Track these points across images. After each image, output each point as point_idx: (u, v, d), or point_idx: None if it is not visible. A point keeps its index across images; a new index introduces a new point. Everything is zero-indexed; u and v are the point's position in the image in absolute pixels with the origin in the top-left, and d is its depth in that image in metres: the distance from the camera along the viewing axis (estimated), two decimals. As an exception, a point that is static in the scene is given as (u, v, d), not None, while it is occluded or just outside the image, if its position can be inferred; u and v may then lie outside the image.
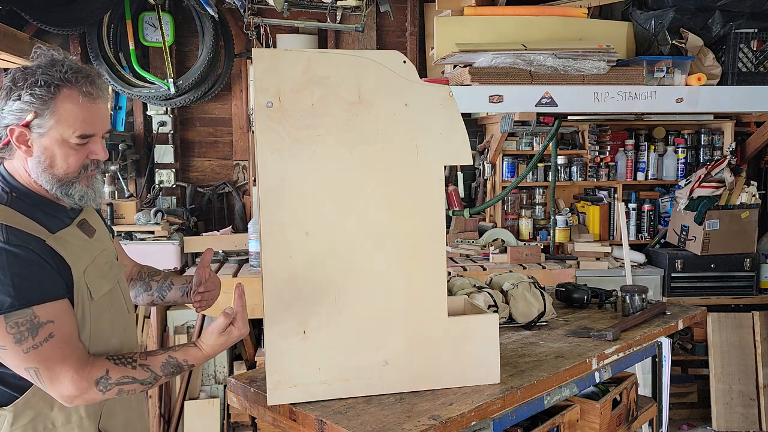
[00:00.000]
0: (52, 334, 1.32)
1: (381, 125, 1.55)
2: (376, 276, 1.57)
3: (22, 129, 1.36)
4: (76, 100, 1.38)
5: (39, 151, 1.38)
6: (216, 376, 3.71)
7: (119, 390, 1.37)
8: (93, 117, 1.41)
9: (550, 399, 1.77)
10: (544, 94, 2.91)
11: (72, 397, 1.34)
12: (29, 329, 1.29)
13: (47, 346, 1.31)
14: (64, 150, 1.39)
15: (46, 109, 1.35)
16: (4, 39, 2.96)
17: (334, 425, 1.46)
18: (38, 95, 1.35)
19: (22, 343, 1.29)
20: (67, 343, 1.35)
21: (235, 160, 4.46)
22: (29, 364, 1.31)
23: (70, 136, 1.38)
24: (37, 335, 1.30)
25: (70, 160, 1.40)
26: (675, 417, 4.10)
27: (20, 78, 1.36)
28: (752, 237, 4.09)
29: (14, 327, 1.28)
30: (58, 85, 1.36)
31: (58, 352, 1.32)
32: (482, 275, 3.50)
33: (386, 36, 4.47)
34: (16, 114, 1.35)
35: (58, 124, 1.37)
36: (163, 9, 4.10)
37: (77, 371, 1.34)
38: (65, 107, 1.37)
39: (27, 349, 1.30)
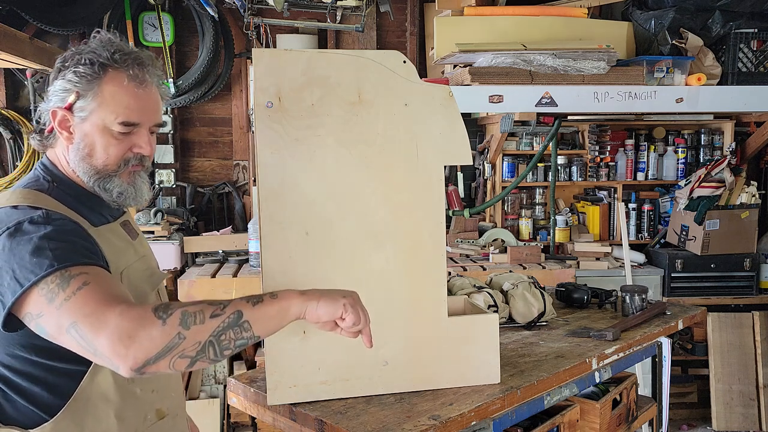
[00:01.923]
0: (86, 282, 1.11)
1: (381, 125, 1.55)
2: (376, 276, 1.57)
3: (64, 112, 1.26)
4: (122, 82, 1.26)
5: (79, 138, 1.27)
6: (216, 376, 3.71)
7: (183, 313, 1.09)
8: (140, 104, 1.29)
9: (550, 399, 1.77)
10: (544, 94, 2.91)
11: (124, 337, 1.04)
12: (59, 284, 1.10)
13: (81, 294, 1.09)
14: (105, 138, 1.27)
15: (89, 91, 1.25)
16: (4, 39, 2.96)
17: (334, 425, 1.46)
18: (82, 74, 1.24)
19: (54, 300, 1.09)
20: (108, 286, 1.13)
21: (235, 160, 4.46)
22: (65, 320, 1.08)
23: (112, 123, 1.26)
24: (68, 286, 1.10)
25: (110, 150, 1.28)
26: (675, 417, 4.10)
27: (69, 57, 1.27)
28: (752, 237, 4.09)
29: (44, 288, 1.10)
30: (105, 64, 1.25)
31: (95, 295, 1.09)
32: (482, 275, 3.50)
33: (386, 36, 4.47)
34: (59, 95, 1.26)
35: (100, 107, 1.25)
36: (163, 9, 4.10)
37: (128, 306, 1.09)
38: (109, 89, 1.25)
39: (60, 305, 1.08)
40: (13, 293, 1.11)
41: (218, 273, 3.57)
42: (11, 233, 1.15)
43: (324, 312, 1.22)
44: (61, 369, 1.23)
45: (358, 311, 1.26)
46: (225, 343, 1.12)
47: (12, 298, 1.11)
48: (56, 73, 1.27)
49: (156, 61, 1.35)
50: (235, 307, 1.14)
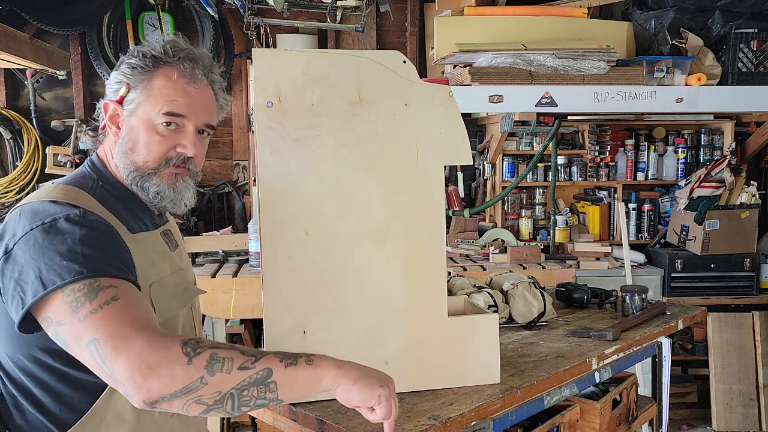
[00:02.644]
0: (115, 297, 1.04)
1: (381, 125, 1.55)
2: (376, 276, 1.57)
3: (115, 106, 1.23)
4: (171, 76, 1.23)
5: (125, 132, 1.24)
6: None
7: (211, 355, 1.01)
8: (188, 100, 1.25)
9: (550, 399, 1.77)
10: (544, 94, 2.91)
11: (145, 368, 0.98)
12: (86, 294, 1.03)
13: (108, 309, 1.02)
14: (149, 134, 1.23)
15: (139, 83, 1.23)
16: (4, 39, 2.96)
17: (334, 425, 1.46)
18: (134, 65, 1.22)
19: (78, 311, 1.02)
20: (136, 307, 1.06)
21: (235, 160, 4.46)
22: (87, 335, 1.01)
23: (157, 115, 1.22)
24: (96, 299, 1.03)
25: (152, 147, 1.24)
26: (675, 417, 4.10)
27: (129, 52, 1.26)
28: (752, 237, 4.09)
29: (70, 295, 1.03)
30: (157, 57, 1.23)
31: (124, 314, 1.03)
32: (482, 275, 3.50)
33: (386, 36, 4.47)
34: (113, 87, 1.24)
35: (147, 100, 1.22)
36: (163, 9, 4.10)
37: (155, 334, 1.02)
38: (158, 83, 1.23)
39: (84, 317, 1.02)
40: (34, 293, 1.05)
41: (218, 273, 3.57)
42: (45, 229, 1.10)
43: (357, 397, 1.13)
44: (79, 380, 1.16)
45: (391, 405, 1.16)
46: (246, 399, 1.04)
47: (32, 299, 1.05)
48: (116, 68, 1.27)
49: (214, 64, 1.32)
50: (267, 363, 1.06)
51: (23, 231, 1.10)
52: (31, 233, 1.10)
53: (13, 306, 1.09)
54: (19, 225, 1.12)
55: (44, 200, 1.16)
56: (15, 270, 1.08)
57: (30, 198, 1.20)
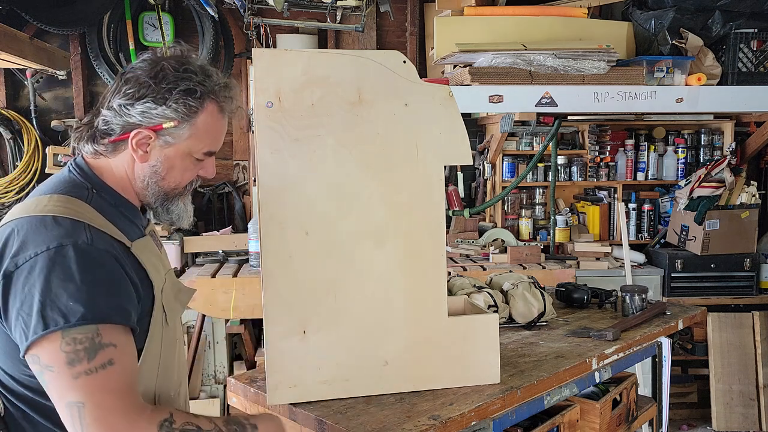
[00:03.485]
0: (111, 361, 1.07)
1: (381, 125, 1.55)
2: (376, 276, 1.57)
3: (150, 133, 1.22)
4: (216, 115, 1.27)
5: (158, 160, 1.24)
6: (216, 376, 3.71)
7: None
8: (221, 135, 1.31)
9: (550, 399, 1.77)
10: (544, 94, 2.91)
11: None
12: (86, 349, 1.05)
13: (103, 375, 1.06)
14: (185, 163, 1.27)
15: (187, 121, 1.23)
16: (4, 39, 2.96)
17: (334, 425, 1.46)
18: (191, 106, 1.22)
19: (75, 366, 1.04)
20: (128, 375, 1.10)
21: (235, 160, 4.46)
22: (75, 395, 1.04)
23: (198, 152, 1.27)
24: (95, 358, 1.05)
25: (185, 174, 1.29)
26: (675, 417, 4.10)
27: (169, 78, 1.21)
28: (752, 237, 4.09)
29: (70, 344, 1.04)
30: (208, 97, 1.24)
31: (114, 384, 1.06)
32: (482, 275, 3.50)
33: (386, 36, 4.47)
34: (152, 117, 1.21)
35: (192, 137, 1.25)
36: (163, 9, 4.10)
37: (138, 410, 1.08)
38: (203, 120, 1.25)
39: (78, 374, 1.04)
40: (34, 331, 1.05)
41: (218, 273, 3.57)
42: (51, 257, 1.08)
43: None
44: None
45: None
46: None
47: (33, 336, 1.05)
48: (146, 89, 1.20)
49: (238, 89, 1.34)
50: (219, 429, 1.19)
51: (26, 255, 1.09)
52: (36, 260, 1.08)
53: (16, 333, 1.09)
54: (21, 245, 1.10)
55: (43, 215, 1.14)
56: (17, 298, 1.08)
57: (26, 210, 1.16)
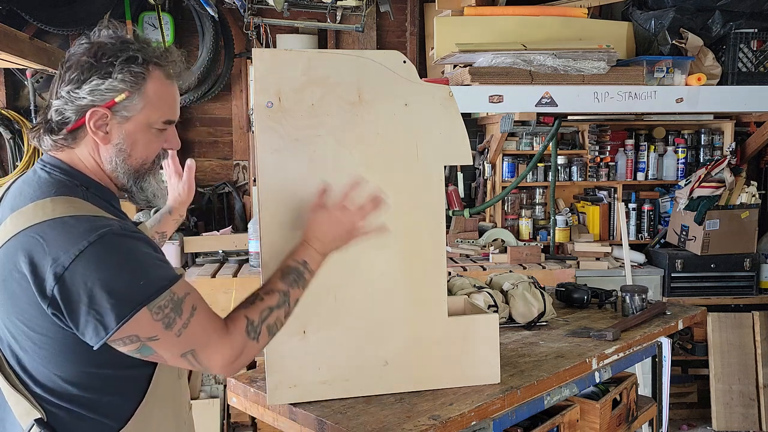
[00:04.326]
0: (194, 306, 1.18)
1: (381, 125, 1.55)
2: (376, 276, 1.58)
3: (105, 111, 1.19)
4: (164, 81, 1.25)
5: (120, 138, 1.22)
6: (216, 376, 3.71)
7: (267, 327, 1.26)
8: (175, 102, 1.30)
9: (550, 399, 1.77)
10: (544, 94, 2.91)
11: (233, 360, 1.20)
12: (173, 309, 1.15)
13: (195, 321, 1.17)
14: (146, 136, 1.25)
15: (137, 91, 1.21)
16: (4, 39, 2.96)
17: (334, 425, 1.46)
18: (136, 72, 1.20)
19: (173, 327, 1.14)
20: (207, 310, 1.22)
21: (235, 160, 4.46)
22: (185, 347, 1.17)
23: (156, 121, 1.25)
24: (182, 313, 1.16)
25: (150, 147, 1.27)
26: (675, 417, 4.10)
27: (108, 53, 1.19)
28: (752, 237, 4.09)
29: (159, 312, 1.13)
30: (151, 63, 1.23)
31: (205, 324, 1.19)
32: (482, 275, 3.50)
33: (386, 36, 4.47)
34: (102, 93, 1.18)
35: (146, 107, 1.22)
36: (163, 9, 4.10)
37: (229, 332, 1.21)
38: (153, 88, 1.23)
39: (179, 332, 1.15)
40: (118, 316, 1.09)
41: (218, 273, 3.57)
42: (97, 248, 1.10)
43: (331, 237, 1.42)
44: (128, 375, 1.22)
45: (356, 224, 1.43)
46: None
47: (118, 322, 1.09)
48: (89, 69, 1.19)
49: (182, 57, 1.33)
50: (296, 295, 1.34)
51: (70, 255, 1.09)
52: (83, 254, 1.09)
53: (89, 329, 1.10)
54: (59, 247, 1.10)
55: (61, 217, 1.13)
56: (81, 296, 1.09)
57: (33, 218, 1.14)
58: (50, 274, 1.08)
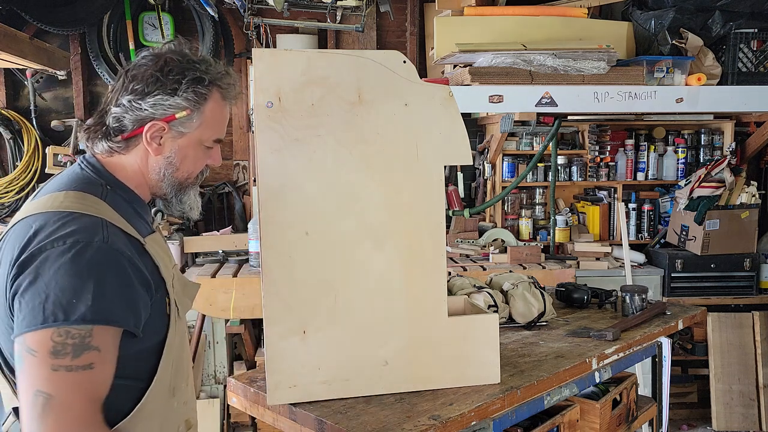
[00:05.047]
0: (92, 365, 1.08)
1: (381, 125, 1.55)
2: (376, 276, 1.57)
3: (164, 124, 1.24)
4: (221, 102, 1.31)
5: (172, 151, 1.28)
6: (216, 376, 3.71)
7: None
8: (226, 121, 1.35)
9: (550, 399, 1.77)
10: (544, 94, 2.91)
11: None
12: (75, 345, 1.06)
13: (80, 376, 1.06)
14: (196, 152, 1.31)
15: (197, 109, 1.26)
16: (4, 39, 2.96)
17: (334, 425, 1.46)
18: (200, 93, 1.25)
19: (58, 358, 1.05)
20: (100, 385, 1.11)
21: (235, 160, 4.46)
22: (47, 386, 1.05)
23: (207, 140, 1.31)
24: (79, 357, 1.06)
25: (197, 163, 1.33)
26: (675, 417, 4.10)
27: (176, 70, 1.24)
28: (752, 237, 4.09)
29: (62, 336, 1.05)
30: (214, 85, 1.28)
31: (86, 390, 1.07)
32: (482, 275, 3.50)
33: (386, 36, 4.47)
34: (165, 108, 1.23)
35: (202, 125, 1.28)
36: (163, 9, 4.10)
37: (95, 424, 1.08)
38: (212, 109, 1.29)
39: (57, 367, 1.05)
40: (32, 321, 1.06)
41: (218, 273, 3.57)
42: (66, 253, 1.09)
43: None
44: (120, 385, 1.17)
45: None
46: None
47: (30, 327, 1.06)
48: (154, 82, 1.23)
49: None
50: None
51: (42, 247, 1.10)
52: (50, 252, 1.09)
53: (16, 314, 1.10)
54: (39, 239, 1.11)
55: (61, 211, 1.14)
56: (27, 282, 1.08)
57: (41, 206, 1.16)
58: (19, 262, 1.10)
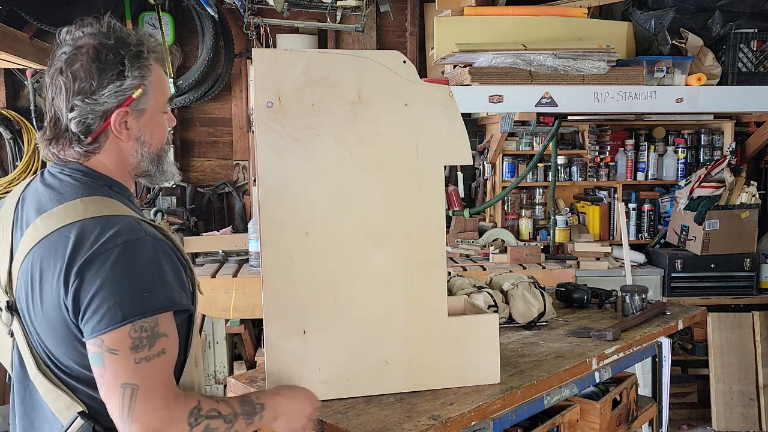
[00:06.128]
0: (164, 350, 1.16)
1: (381, 125, 1.55)
2: (376, 276, 1.57)
3: (125, 109, 1.23)
4: (159, 67, 1.31)
5: (140, 131, 1.27)
6: (216, 376, 3.71)
7: (206, 426, 1.18)
8: (167, 82, 1.36)
9: (550, 399, 1.77)
10: (544, 94, 2.91)
11: (159, 428, 1.12)
12: (149, 337, 1.13)
13: (157, 362, 1.14)
14: (158, 120, 1.31)
15: (147, 82, 1.26)
16: (4, 39, 2.96)
17: (334, 425, 1.46)
18: (144, 66, 1.24)
19: (138, 351, 1.12)
20: (172, 364, 1.19)
21: (235, 160, 4.46)
22: (132, 378, 1.12)
23: (163, 105, 1.31)
24: (154, 346, 1.14)
25: (163, 130, 1.33)
26: (675, 417, 4.10)
27: (109, 53, 1.22)
28: (752, 237, 4.08)
29: (138, 332, 1.12)
30: (151, 53, 1.28)
31: (164, 373, 1.16)
32: (482, 275, 3.50)
33: (386, 36, 4.47)
34: (123, 93, 1.22)
35: (155, 95, 1.28)
36: (163, 9, 4.10)
37: (175, 398, 1.16)
38: (156, 76, 1.28)
39: (139, 359, 1.12)
40: (109, 322, 1.11)
41: (218, 273, 3.57)
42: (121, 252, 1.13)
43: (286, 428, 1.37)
44: None
45: None
46: None
47: (107, 327, 1.11)
48: (99, 73, 1.21)
49: None
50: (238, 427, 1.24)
51: (98, 250, 1.13)
52: (109, 254, 1.13)
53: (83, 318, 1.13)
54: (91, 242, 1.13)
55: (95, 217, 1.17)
56: (92, 287, 1.12)
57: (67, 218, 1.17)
58: (74, 270, 1.12)
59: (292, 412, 1.36)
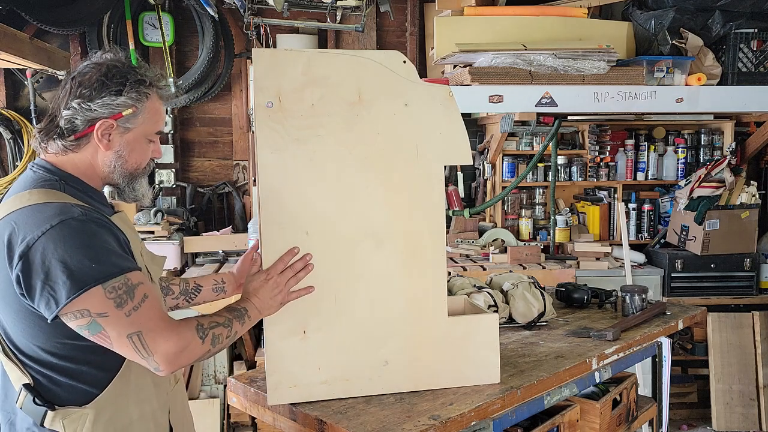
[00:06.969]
0: (146, 294, 1.31)
1: (381, 125, 1.55)
2: (376, 276, 1.57)
3: (112, 122, 1.38)
4: (158, 100, 1.46)
5: (121, 146, 1.42)
6: (216, 376, 3.71)
7: (213, 336, 1.37)
8: (164, 117, 1.52)
9: (550, 399, 1.77)
10: (544, 94, 2.91)
11: (178, 351, 1.30)
12: (126, 292, 1.28)
13: (146, 307, 1.29)
14: (141, 145, 1.45)
15: (142, 107, 1.41)
16: (4, 39, 2.96)
17: (334, 425, 1.46)
18: (143, 92, 1.40)
19: (123, 307, 1.27)
20: (159, 301, 1.35)
21: (235, 160, 4.46)
22: (132, 328, 1.28)
23: (150, 133, 1.46)
24: (134, 297, 1.28)
25: (143, 154, 1.46)
26: (675, 417, 4.10)
27: (116, 74, 1.39)
28: (752, 237, 4.08)
29: (113, 291, 1.26)
30: (154, 85, 1.44)
31: (156, 312, 1.31)
32: (482, 275, 3.50)
33: (386, 36, 4.47)
34: (113, 108, 1.37)
35: (146, 121, 1.43)
36: (163, 9, 4.10)
37: (177, 324, 1.33)
38: (153, 106, 1.44)
39: (129, 312, 1.27)
40: (68, 293, 1.23)
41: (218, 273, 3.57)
42: (59, 232, 1.25)
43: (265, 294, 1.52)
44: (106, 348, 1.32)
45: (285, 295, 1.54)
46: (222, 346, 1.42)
47: (67, 298, 1.23)
48: (100, 86, 1.37)
49: None
50: (235, 328, 1.44)
51: (34, 235, 1.25)
52: (46, 236, 1.24)
53: (42, 303, 1.25)
54: (26, 230, 1.26)
55: (31, 204, 1.29)
56: (39, 272, 1.24)
57: (11, 207, 1.30)
58: (17, 253, 1.25)
59: (266, 307, 1.51)
